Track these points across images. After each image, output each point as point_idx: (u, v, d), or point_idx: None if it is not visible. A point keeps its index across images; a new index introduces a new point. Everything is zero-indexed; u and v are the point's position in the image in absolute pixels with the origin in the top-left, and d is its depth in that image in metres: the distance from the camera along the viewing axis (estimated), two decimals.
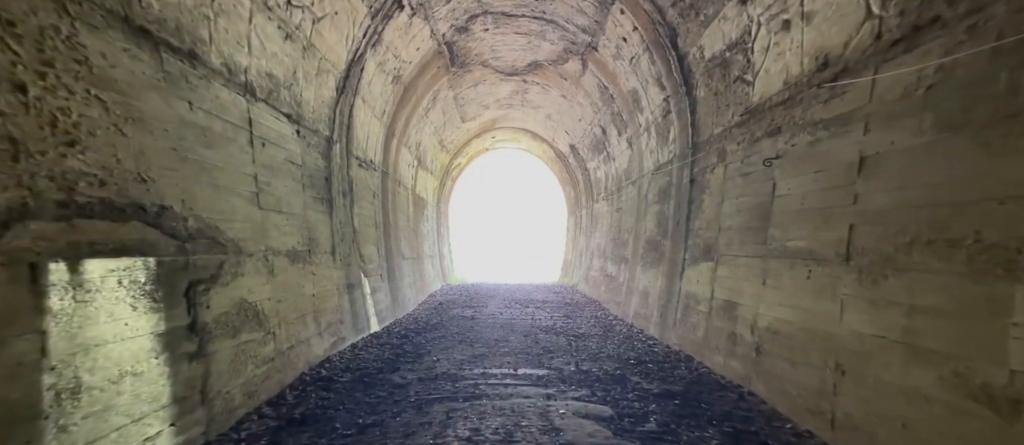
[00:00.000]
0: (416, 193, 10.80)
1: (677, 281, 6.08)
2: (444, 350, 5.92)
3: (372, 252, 7.24)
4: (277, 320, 3.96)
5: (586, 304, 10.29)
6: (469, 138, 13.22)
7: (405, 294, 8.98)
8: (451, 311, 9.26)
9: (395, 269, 8.48)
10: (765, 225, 3.94)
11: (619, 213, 9.65)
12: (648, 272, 7.38)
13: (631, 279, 8.30)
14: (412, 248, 10.24)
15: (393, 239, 8.58)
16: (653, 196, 7.47)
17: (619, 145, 9.21)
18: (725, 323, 4.53)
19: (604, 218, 11.05)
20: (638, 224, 8.25)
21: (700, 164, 5.60)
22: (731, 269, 4.55)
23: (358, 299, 6.29)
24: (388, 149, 8.12)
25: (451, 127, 11.50)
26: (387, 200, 8.27)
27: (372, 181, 7.41)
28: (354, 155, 6.51)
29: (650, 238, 7.47)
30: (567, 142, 12.50)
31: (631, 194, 8.81)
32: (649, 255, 7.44)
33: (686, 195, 6.01)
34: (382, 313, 7.31)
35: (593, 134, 10.47)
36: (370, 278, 6.98)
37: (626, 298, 8.39)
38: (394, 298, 8.12)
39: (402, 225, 9.43)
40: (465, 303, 10.43)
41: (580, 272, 13.34)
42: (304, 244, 4.74)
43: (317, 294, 4.95)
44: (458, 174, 15.39)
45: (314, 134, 5.10)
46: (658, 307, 6.66)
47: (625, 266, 8.85)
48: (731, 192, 4.68)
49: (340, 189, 5.96)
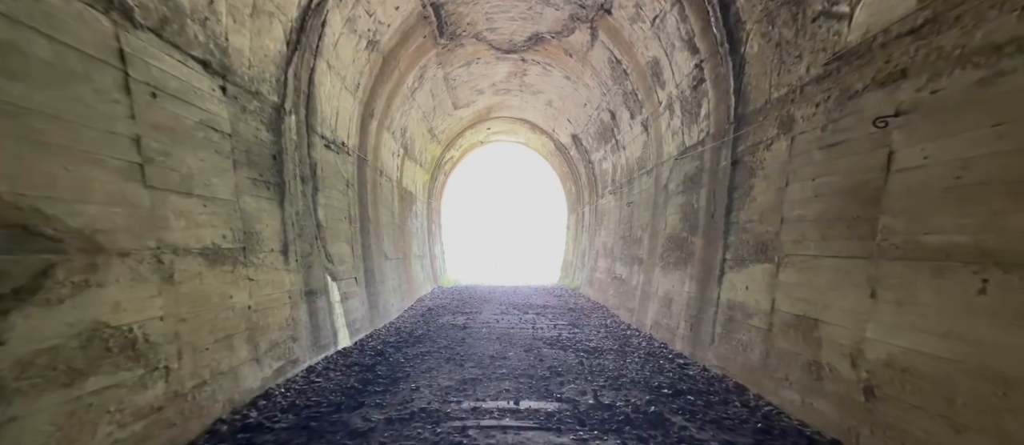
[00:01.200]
0: (402, 186, 9.54)
1: (713, 287, 4.86)
2: (427, 372, 4.67)
3: (344, 251, 5.98)
4: (176, 348, 2.70)
5: (592, 309, 9.07)
6: (462, 128, 11.97)
7: (387, 300, 7.72)
8: (441, 319, 8.01)
9: (375, 271, 7.22)
10: (871, 213, 2.73)
11: (630, 207, 8.44)
12: (671, 275, 6.17)
13: (647, 282, 7.08)
14: (397, 247, 8.98)
15: (373, 236, 7.32)
16: (676, 186, 6.25)
17: (631, 130, 8.00)
18: (799, 346, 3.31)
19: (611, 214, 9.83)
20: (655, 219, 7.04)
21: (748, 141, 4.39)
22: (806, 273, 3.34)
23: (321, 309, 5.03)
24: (366, 132, 6.86)
25: (442, 114, 10.25)
26: (365, 191, 7.01)
27: (345, 167, 6.15)
28: (318, 133, 5.24)
29: (672, 235, 6.26)
30: (569, 132, 11.28)
31: (646, 185, 7.60)
32: (671, 255, 6.23)
33: (725, 181, 4.80)
34: (356, 324, 6.05)
35: (599, 120, 9.25)
36: (340, 282, 5.72)
37: (641, 304, 7.18)
38: (372, 305, 6.86)
39: (385, 221, 8.18)
40: (457, 308, 9.18)
41: (583, 273, 12.12)
42: (235, 240, 3.48)
43: (256, 305, 3.69)
44: (451, 169, 14.14)
45: (253, 97, 3.84)
46: (686, 317, 5.44)
47: (639, 267, 7.64)
48: (803, 172, 3.46)
49: (297, 172, 4.70)
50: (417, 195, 11.18)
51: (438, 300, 10.42)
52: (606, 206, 10.35)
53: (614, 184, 9.67)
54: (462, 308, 9.26)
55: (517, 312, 8.82)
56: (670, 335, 5.85)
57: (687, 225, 5.80)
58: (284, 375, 4.01)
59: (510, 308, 9.30)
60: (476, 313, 8.69)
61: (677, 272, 5.97)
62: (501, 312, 8.81)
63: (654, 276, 6.82)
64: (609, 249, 9.79)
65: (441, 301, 10.27)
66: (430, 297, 10.90)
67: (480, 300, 10.57)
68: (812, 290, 3.24)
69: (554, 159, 14.00)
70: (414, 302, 9.79)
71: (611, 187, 9.90)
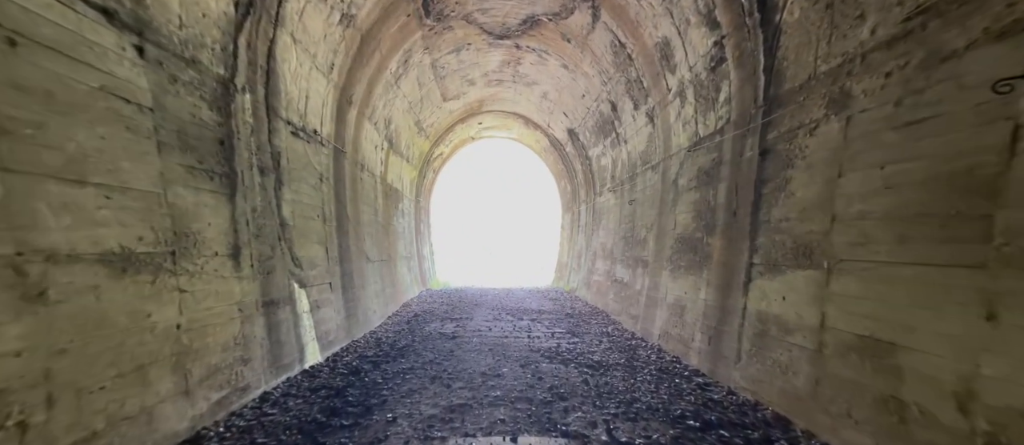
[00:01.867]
0: (387, 182, 8.76)
1: (737, 295, 4.17)
2: (408, 396, 3.92)
3: (316, 253, 5.20)
4: (43, 393, 1.93)
5: (591, 315, 8.37)
6: (452, 122, 11.20)
7: (368, 306, 6.94)
8: (427, 326, 7.25)
9: (354, 275, 6.45)
10: (982, 207, 2.05)
11: (633, 206, 7.75)
12: (682, 279, 5.48)
13: (653, 287, 6.39)
14: (381, 248, 8.20)
15: (353, 236, 6.55)
16: (687, 181, 5.56)
17: (634, 122, 7.30)
18: (865, 376, 2.63)
19: (611, 213, 9.14)
20: (662, 218, 6.35)
21: (782, 126, 3.70)
22: (872, 284, 2.65)
23: (284, 321, 4.26)
24: (343, 120, 6.08)
25: (430, 105, 9.48)
26: (343, 186, 6.24)
27: (317, 159, 5.38)
28: (283, 117, 4.47)
29: (684, 236, 5.57)
30: (565, 127, 10.57)
31: (651, 181, 6.91)
32: (683, 257, 5.54)
33: (751, 174, 4.11)
34: (329, 335, 5.27)
35: (599, 113, 8.55)
36: (310, 289, 4.95)
37: (647, 311, 6.48)
38: (350, 313, 6.08)
39: (367, 220, 7.40)
40: (446, 314, 8.43)
41: (579, 276, 11.42)
42: (158, 242, 2.71)
43: (189, 324, 2.92)
44: (440, 165, 13.36)
45: (188, 65, 3.07)
46: (703, 329, 4.75)
47: (643, 270, 6.95)
48: (866, 158, 2.78)
49: (254, 162, 3.92)
50: (404, 192, 10.40)
51: (426, 304, 9.65)
52: (605, 205, 9.66)
53: (614, 181, 8.98)
54: (451, 313, 8.51)
55: (511, 318, 8.09)
56: (683, 348, 5.16)
57: (702, 224, 5.12)
58: (227, 408, 3.23)
59: (503, 313, 8.57)
60: (466, 319, 7.94)
61: (690, 277, 5.28)
62: (493, 318, 8.07)
63: (661, 280, 6.13)
64: (608, 250, 9.09)
65: (429, 306, 9.50)
66: (418, 301, 10.13)
67: (471, 304, 9.82)
68: (883, 305, 2.55)
69: (548, 156, 13.28)
70: (400, 307, 9.01)
71: (610, 184, 9.20)
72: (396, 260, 9.33)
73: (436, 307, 9.31)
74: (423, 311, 8.78)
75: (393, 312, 8.39)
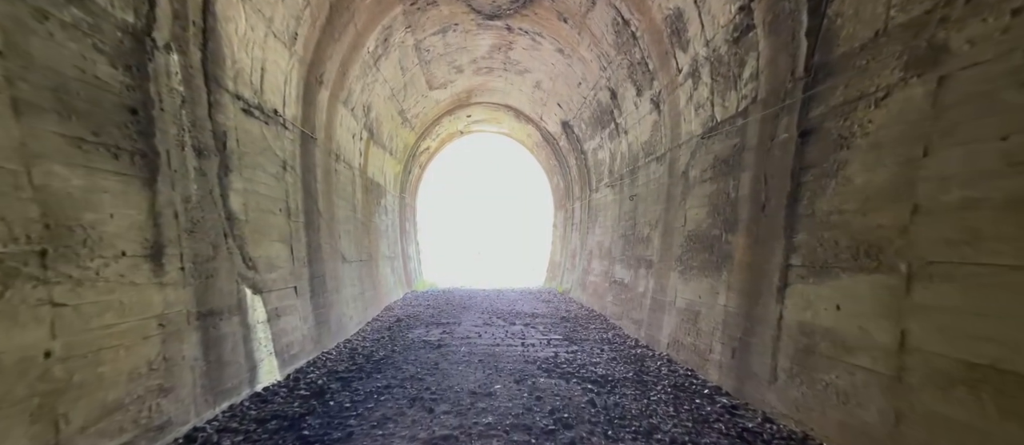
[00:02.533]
0: (367, 176, 7.94)
1: (769, 302, 3.47)
2: (380, 426, 3.13)
3: (278, 253, 4.39)
4: None
5: (588, 319, 7.65)
6: (439, 114, 10.40)
7: (343, 311, 6.13)
8: (411, 333, 6.46)
9: (327, 277, 5.63)
10: None
11: (634, 201, 7.04)
12: (695, 282, 4.77)
13: (659, 290, 5.69)
14: (360, 247, 7.38)
15: (325, 234, 5.73)
16: (700, 172, 4.86)
17: (637, 110, 6.59)
18: (987, 421, 1.92)
19: (609, 209, 8.43)
20: (669, 214, 5.64)
21: (833, 98, 2.99)
22: (990, 296, 1.94)
23: (229, 336, 3.44)
24: (312, 102, 5.26)
25: (414, 93, 8.67)
26: (313, 177, 5.42)
27: (280, 144, 4.56)
28: (230, 90, 3.65)
29: (697, 233, 4.86)
30: (559, 119, 9.84)
31: (655, 174, 6.20)
32: (695, 257, 4.84)
33: (787, 159, 3.41)
34: (292, 348, 4.46)
35: (596, 102, 7.83)
36: (269, 295, 4.13)
37: (652, 316, 5.78)
38: (321, 320, 5.27)
39: (343, 216, 6.58)
40: (432, 319, 7.64)
41: (573, 276, 10.71)
42: (15, 239, 1.90)
43: (69, 350, 2.10)
44: (427, 160, 12.54)
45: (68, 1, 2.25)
46: (724, 339, 4.05)
47: (647, 271, 6.24)
48: (972, 128, 2.06)
49: (187, 140, 3.10)
50: (387, 188, 9.57)
51: (410, 308, 8.84)
52: (601, 201, 8.95)
53: (611, 176, 8.27)
54: (438, 318, 7.72)
55: (503, 322, 7.33)
56: (698, 359, 4.45)
57: (719, 220, 4.41)
58: None
59: (494, 317, 7.81)
60: (454, 324, 7.17)
61: (705, 279, 4.58)
62: (484, 323, 7.31)
63: (669, 282, 5.43)
64: (606, 249, 8.38)
65: (414, 309, 8.70)
66: (401, 304, 9.31)
67: (459, 307, 9.04)
68: (1014, 326, 1.85)
69: (540, 152, 12.55)
70: (381, 311, 8.19)
71: (608, 179, 8.49)
72: (378, 260, 8.51)
73: (421, 311, 8.51)
74: (407, 315, 7.98)
75: (374, 317, 7.58)
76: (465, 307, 9.06)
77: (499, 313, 8.27)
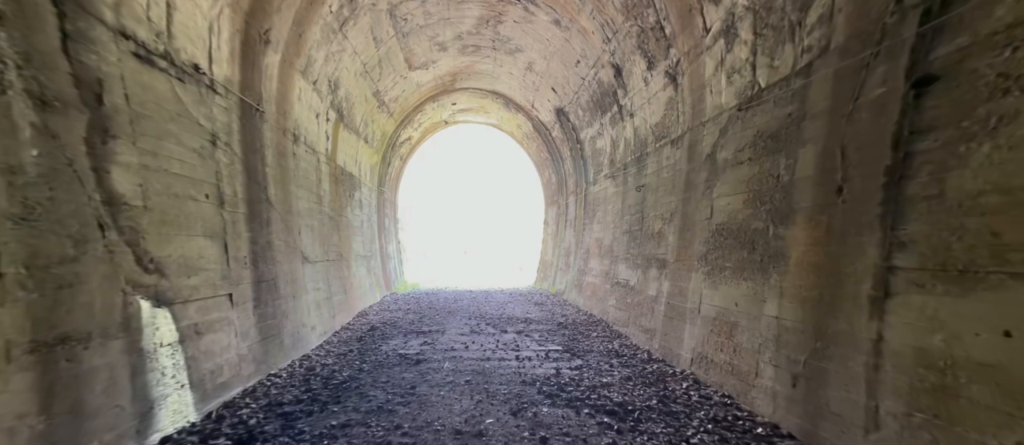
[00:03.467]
0: (337, 164, 6.79)
1: (855, 316, 2.48)
2: None
3: (201, 252, 3.25)
4: None
5: (588, 325, 6.64)
6: (420, 99, 9.28)
7: (303, 321, 4.99)
8: (385, 345, 5.35)
9: (281, 280, 4.50)
10: None
11: (641, 192, 6.04)
12: (729, 285, 3.79)
13: (677, 294, 4.70)
14: (328, 245, 6.24)
15: (280, 229, 4.59)
16: (734, 153, 3.88)
17: (647, 87, 5.60)
18: None
19: (609, 203, 7.43)
20: (689, 205, 4.66)
21: (979, 27, 2.02)
22: None
23: (98, 372, 2.30)
24: (255, 65, 4.13)
25: (392, 73, 7.55)
26: (260, 159, 4.28)
27: (207, 111, 3.42)
28: (107, 22, 2.51)
29: (729, 226, 3.88)
30: (553, 106, 8.81)
31: (669, 160, 5.21)
32: (729, 255, 3.85)
33: (887, 124, 2.43)
34: (222, 374, 3.33)
35: (597, 82, 6.82)
36: (185, 307, 3.00)
37: (668, 324, 4.78)
38: (269, 335, 4.14)
39: (305, 208, 5.44)
40: (412, 326, 6.53)
41: (568, 276, 9.69)
42: None
43: None
44: (409, 152, 11.39)
45: None
46: (779, 361, 3.05)
47: (659, 272, 5.25)
48: None
49: (14, 80, 1.98)
50: (362, 180, 8.41)
51: (389, 313, 7.72)
52: (600, 194, 7.95)
53: (613, 166, 7.27)
54: (419, 324, 6.62)
55: (492, 330, 6.27)
56: (738, 383, 3.46)
57: (763, 210, 3.43)
58: None
59: (482, 324, 6.74)
60: (437, 333, 6.08)
61: (743, 282, 3.59)
62: (471, 330, 6.24)
63: (691, 285, 4.44)
64: (606, 247, 7.38)
65: (392, 314, 7.57)
66: (379, 309, 8.17)
67: (444, 311, 7.95)
68: None
69: (531, 144, 11.51)
70: (353, 318, 7.05)
71: (608, 170, 7.49)
72: (351, 260, 7.36)
73: (400, 316, 7.39)
74: (383, 322, 6.85)
75: (343, 325, 6.44)
76: (450, 311, 7.97)
77: (488, 318, 7.20)
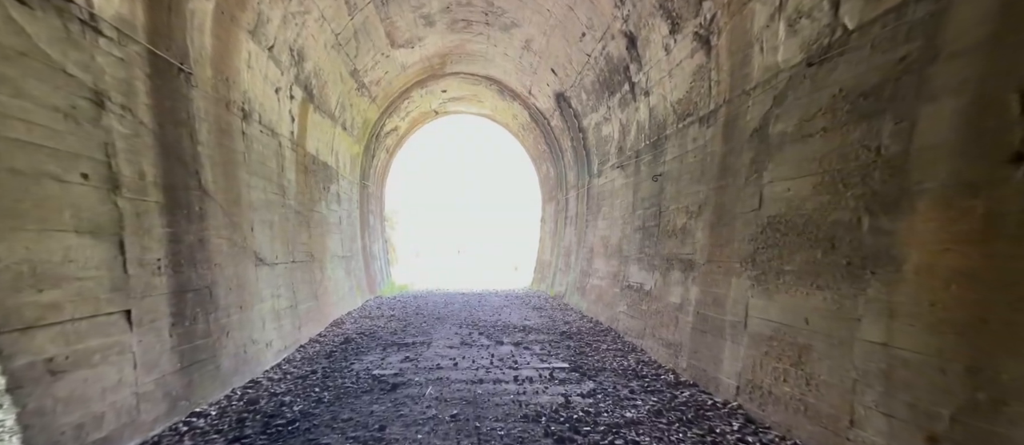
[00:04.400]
0: (306, 151, 5.72)
1: None
2: None
3: (65, 252, 2.20)
4: None
5: (594, 334, 5.64)
6: (407, 84, 8.23)
7: (253, 337, 3.94)
8: (358, 362, 4.31)
9: (219, 288, 3.44)
10: None
11: (659, 182, 5.05)
12: (792, 294, 2.80)
13: (711, 303, 3.70)
14: (293, 244, 5.18)
15: (218, 224, 3.53)
16: (800, 123, 2.89)
17: (669, 55, 4.61)
18: None
19: (617, 197, 6.43)
20: (726, 194, 3.67)
21: None
22: None
23: None
24: (170, 6, 3.07)
25: (371, 50, 6.49)
26: (186, 134, 3.21)
27: (78, 55, 2.36)
28: None
29: (790, 217, 2.89)
30: (552, 90, 7.81)
31: (699, 141, 4.23)
32: (791, 255, 2.86)
33: None
34: (107, 421, 2.27)
35: (605, 58, 5.82)
36: (24, 338, 1.95)
37: (699, 339, 3.79)
38: (195, 361, 3.08)
39: (260, 199, 4.38)
40: (393, 337, 5.50)
41: (568, 278, 8.69)
42: None
43: None
44: (396, 144, 10.33)
45: None
46: (893, 408, 2.06)
47: (684, 274, 4.25)
48: None
49: None
50: (341, 172, 7.34)
51: (369, 321, 6.66)
52: (606, 187, 6.95)
53: (621, 154, 6.28)
54: (402, 335, 5.58)
55: (486, 341, 5.26)
56: (822, 431, 2.47)
57: (851, 195, 2.45)
58: None
59: (475, 333, 5.72)
60: (422, 345, 5.05)
61: (816, 291, 2.61)
62: (461, 342, 5.21)
63: (731, 293, 3.45)
64: (614, 246, 6.39)
65: (373, 322, 6.52)
66: (358, 315, 7.11)
67: (432, 318, 6.92)
68: None
69: (528, 135, 10.49)
70: (326, 328, 5.98)
71: (616, 159, 6.49)
72: (325, 261, 6.30)
73: (381, 325, 6.34)
74: (361, 332, 5.81)
75: (313, 337, 5.38)
76: (439, 317, 6.94)
77: (482, 326, 6.18)
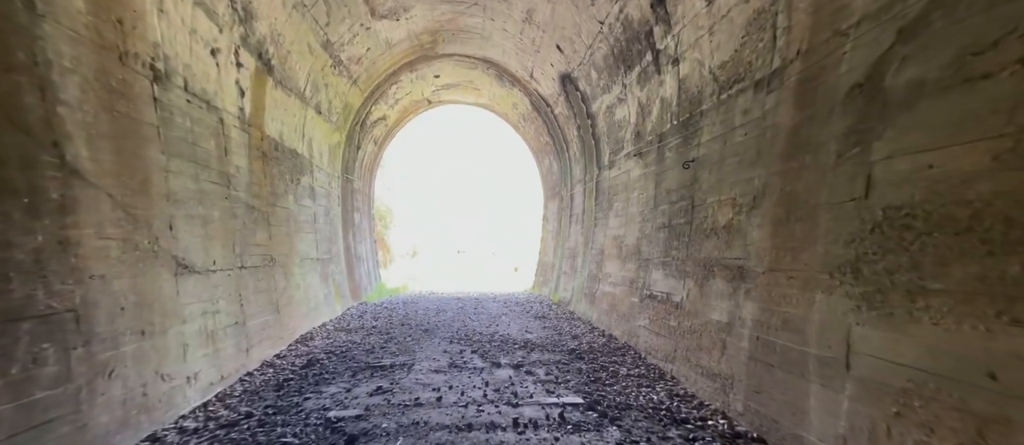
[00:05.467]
0: (265, 133, 4.63)
1: None
2: None
3: None
4: None
5: (610, 354, 4.56)
6: (394, 65, 7.15)
7: (166, 369, 2.85)
8: (315, 398, 3.20)
9: (98, 310, 2.35)
10: None
11: (692, 169, 3.96)
12: (945, 330, 1.70)
13: (777, 325, 2.61)
14: (243, 245, 4.09)
15: (99, 219, 2.45)
16: (946, 67, 1.82)
17: (709, 8, 3.53)
18: None
19: (634, 189, 5.35)
20: (799, 179, 2.57)
21: None
22: None
23: None
24: None
25: (345, 15, 5.40)
26: (34, 88, 2.14)
27: None
28: None
29: (930, 209, 1.79)
30: (557, 72, 6.73)
31: (752, 113, 3.14)
32: (939, 270, 1.76)
33: None
34: None
35: (622, 24, 4.75)
36: None
37: (759, 373, 2.70)
38: (34, 425, 2.00)
39: (188, 188, 3.29)
40: (369, 355, 4.41)
41: (574, 282, 7.60)
42: None
43: None
44: (385, 135, 9.25)
45: None
46: None
47: (732, 285, 3.16)
48: None
49: None
50: (316, 162, 6.26)
51: (345, 334, 5.57)
52: (620, 179, 5.87)
53: (639, 140, 5.20)
54: (380, 353, 4.50)
55: (481, 361, 4.17)
56: None
57: None
58: None
59: (467, 350, 4.64)
60: (401, 368, 3.97)
61: (1010, 329, 1.53)
62: (450, 363, 4.13)
63: (814, 315, 2.37)
64: (630, 247, 5.31)
65: (349, 336, 5.43)
66: (334, 328, 6.02)
67: (419, 329, 5.83)
68: None
69: (528, 127, 9.42)
70: (288, 346, 4.89)
71: (633, 146, 5.41)
72: (291, 265, 5.21)
73: (358, 340, 5.25)
74: (331, 350, 4.72)
75: (267, 359, 4.29)
76: (428, 328, 5.86)
77: (476, 341, 5.10)
